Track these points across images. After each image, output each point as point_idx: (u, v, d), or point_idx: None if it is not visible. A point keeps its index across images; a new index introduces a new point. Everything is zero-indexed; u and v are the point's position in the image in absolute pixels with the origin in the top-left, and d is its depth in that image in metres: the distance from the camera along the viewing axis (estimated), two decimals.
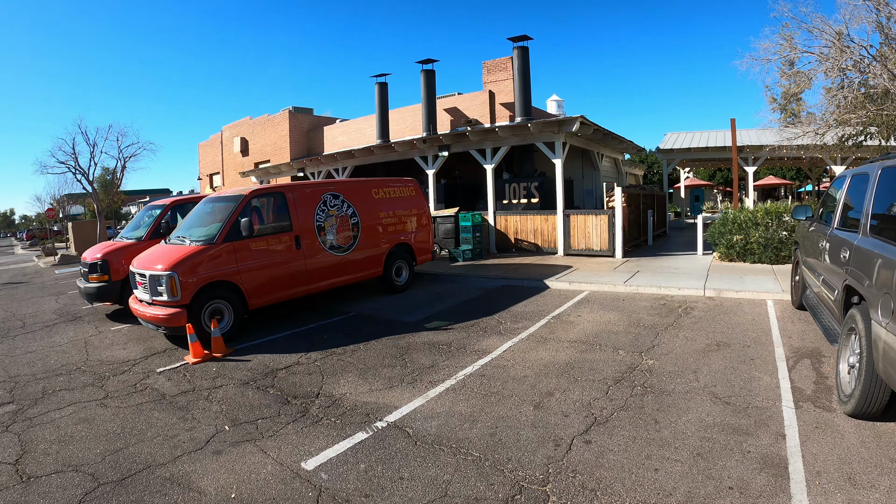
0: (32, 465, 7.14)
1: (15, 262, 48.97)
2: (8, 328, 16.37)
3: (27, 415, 8.61)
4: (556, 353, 10.05)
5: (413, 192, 18.05)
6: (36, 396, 9.45)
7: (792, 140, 22.94)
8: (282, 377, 9.69)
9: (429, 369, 9.52)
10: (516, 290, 16.58)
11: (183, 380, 9.90)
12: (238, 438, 7.23)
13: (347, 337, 12.15)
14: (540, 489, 5.47)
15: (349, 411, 7.89)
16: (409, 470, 6.01)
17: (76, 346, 13.03)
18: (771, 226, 18.80)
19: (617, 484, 5.48)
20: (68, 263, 39.62)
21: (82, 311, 18.48)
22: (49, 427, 8.09)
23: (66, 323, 16.51)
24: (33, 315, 18.43)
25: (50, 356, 12.21)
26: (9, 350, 13.26)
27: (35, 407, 8.94)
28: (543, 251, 23.71)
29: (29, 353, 12.53)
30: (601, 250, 22.77)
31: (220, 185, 49.55)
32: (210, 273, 12.01)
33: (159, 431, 7.67)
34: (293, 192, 14.19)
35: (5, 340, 14.67)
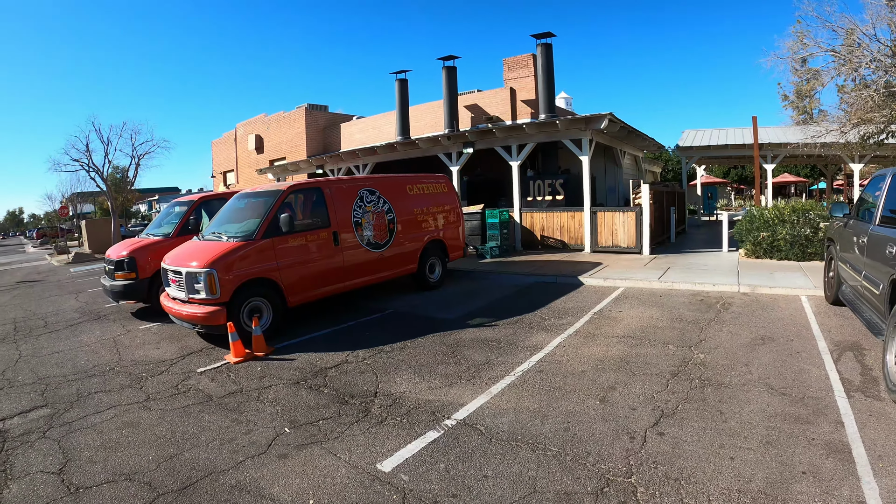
0: (79, 475, 6.68)
1: (27, 260, 48.70)
2: (30, 327, 15.92)
3: (64, 419, 8.18)
4: (607, 348, 9.97)
5: (446, 189, 17.83)
6: (71, 399, 9.03)
7: (816, 138, 22.60)
8: (333, 376, 9.39)
9: (484, 366, 9.35)
10: (551, 287, 16.35)
11: (228, 380, 9.57)
12: (302, 441, 6.92)
13: (390, 334, 11.86)
14: (625, 481, 5.48)
15: (413, 410, 7.67)
16: (491, 468, 5.90)
17: (105, 345, 12.60)
18: (798, 223, 18.58)
19: (698, 473, 5.57)
20: (83, 261, 39.38)
21: (105, 309, 18.04)
22: (91, 432, 7.67)
23: (90, 322, 16.06)
24: (54, 314, 17.96)
25: (79, 356, 11.80)
26: (34, 350, 12.82)
27: (71, 410, 8.52)
28: (570, 248, 23.38)
29: (56, 354, 12.11)
30: (628, 247, 22.47)
31: (234, 182, 49.36)
32: (249, 270, 11.66)
33: (214, 435, 7.32)
34: (330, 187, 13.91)
35: (28, 340, 14.23)
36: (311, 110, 40.64)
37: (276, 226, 12.16)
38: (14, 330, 15.79)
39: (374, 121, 37.84)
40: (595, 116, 22.57)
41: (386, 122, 36.18)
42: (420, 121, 33.96)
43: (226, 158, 50.97)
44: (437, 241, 17.04)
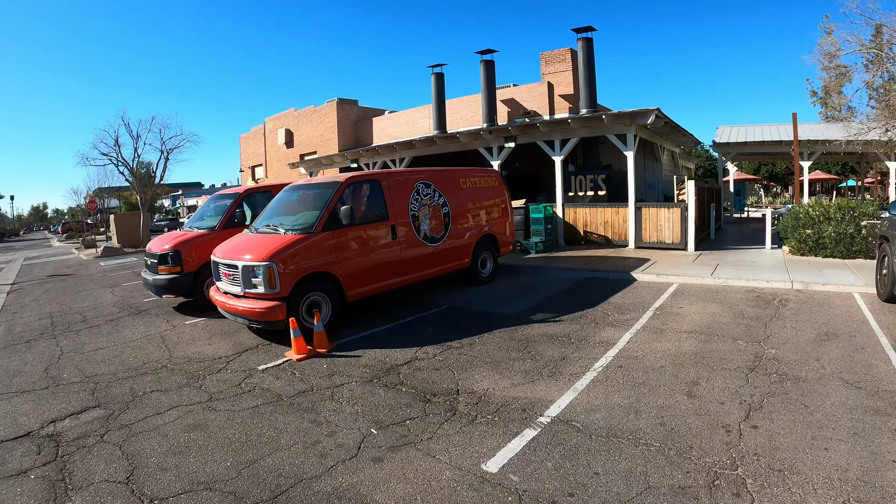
0: (151, 484, 6.15)
1: (55, 254, 48.56)
2: (68, 322, 15.50)
3: (121, 421, 7.77)
4: (678, 343, 9.90)
5: (496, 183, 17.47)
6: (125, 399, 8.63)
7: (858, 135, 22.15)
8: (406, 373, 9.07)
9: (561, 362, 9.17)
10: (604, 283, 16.11)
11: (294, 378, 9.18)
12: (393, 442, 6.61)
13: (454, 330, 11.57)
14: (733, 473, 5.49)
15: (502, 408, 7.45)
16: (599, 465, 5.79)
17: (152, 341, 12.28)
18: (843, 221, 18.32)
19: (798, 464, 5.62)
20: (112, 255, 39.18)
21: (145, 303, 17.66)
22: (154, 436, 7.24)
23: (131, 317, 15.63)
24: (92, 308, 17.56)
25: (125, 353, 11.45)
26: (76, 346, 12.28)
27: (128, 412, 8.10)
28: (614, 244, 22.93)
29: (100, 350, 11.75)
30: (673, 243, 22.02)
31: (263, 177, 48.95)
32: (309, 264, 11.27)
33: (294, 437, 6.94)
34: (387, 179, 13.58)
35: (68, 335, 13.78)
36: (343, 104, 40.10)
37: (336, 218, 11.86)
38: (52, 325, 15.35)
39: (407, 115, 37.26)
40: (641, 112, 22.06)
41: (420, 116, 35.64)
42: (455, 115, 33.46)
43: (254, 153, 50.61)
44: (488, 236, 16.68)
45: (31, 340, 13.56)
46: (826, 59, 22.88)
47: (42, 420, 7.99)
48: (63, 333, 14.12)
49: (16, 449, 7.05)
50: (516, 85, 33.32)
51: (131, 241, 45.18)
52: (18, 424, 7.86)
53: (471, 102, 33.80)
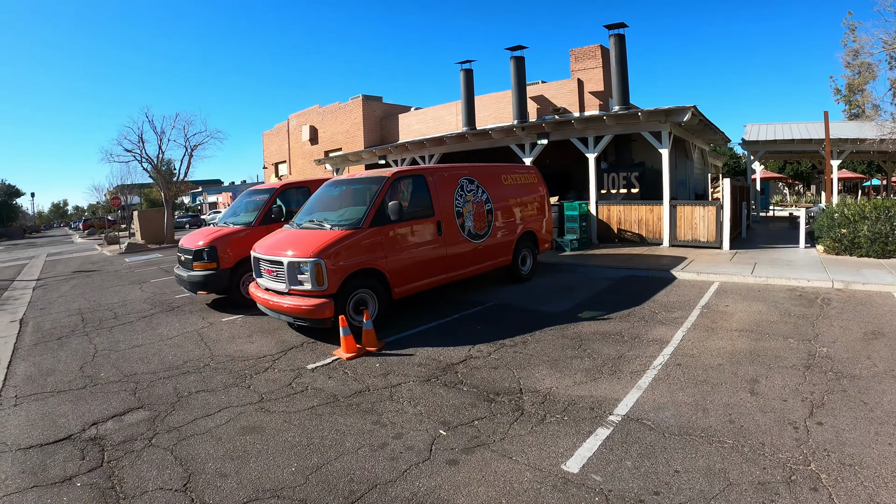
0: (212, 492, 5.81)
1: (77, 250, 48.60)
2: (99, 319, 15.23)
3: (169, 423, 7.52)
4: (731, 342, 9.79)
5: (535, 180, 17.19)
6: (169, 400, 8.38)
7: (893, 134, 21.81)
8: (464, 372, 8.87)
9: (618, 360, 9.06)
10: (644, 281, 15.89)
11: (347, 378, 8.95)
12: (465, 444, 6.43)
13: (503, 328, 11.33)
14: (807, 469, 5.51)
15: (570, 406, 7.34)
16: (678, 462, 5.74)
17: (190, 339, 12.03)
18: (879, 220, 17.99)
19: (866, 458, 5.62)
20: (136, 252, 39.11)
21: (176, 300, 17.37)
22: (207, 439, 6.97)
23: (164, 314, 15.34)
24: (122, 305, 17.28)
25: (164, 351, 11.20)
26: (111, 344, 12.04)
27: (174, 413, 7.84)
28: (648, 242, 22.58)
29: (137, 348, 11.51)
30: (708, 241, 21.66)
31: (287, 173, 48.91)
32: (357, 260, 11.04)
33: (359, 440, 6.70)
34: (433, 175, 13.34)
35: (101, 332, 13.51)
36: (368, 101, 39.98)
37: (384, 214, 11.62)
38: (82, 322, 15.09)
39: (434, 111, 36.99)
40: (677, 109, 21.65)
41: (447, 112, 35.40)
42: (483, 111, 33.26)
43: (277, 149, 50.55)
44: (528, 233, 16.43)
45: (63, 337, 13.28)
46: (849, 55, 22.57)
47: (83, 422, 7.72)
48: (95, 330, 13.84)
49: (57, 453, 6.78)
50: (545, 82, 33.11)
51: (155, 238, 45.21)
52: (58, 427, 7.60)
53: (499, 99, 33.55)
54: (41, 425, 7.65)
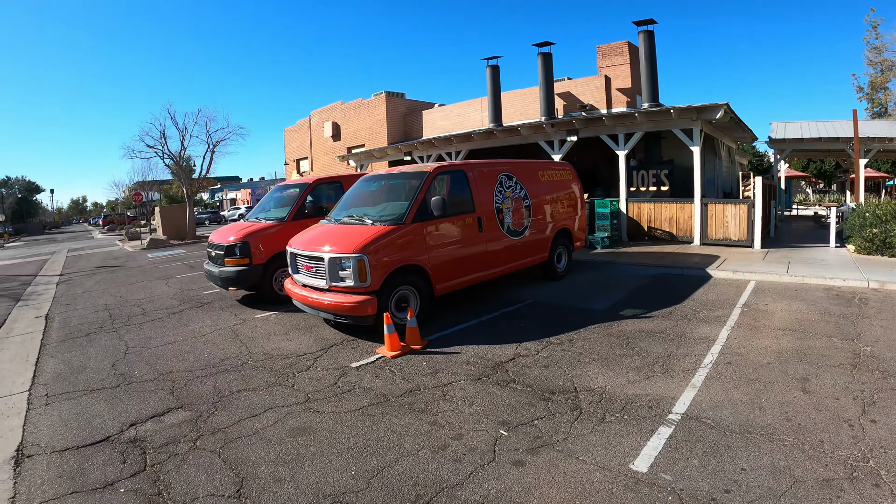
0: (267, 498, 5.54)
1: (98, 246, 48.80)
2: (127, 315, 15.05)
3: (212, 424, 7.29)
4: (776, 340, 9.70)
5: (570, 177, 17.03)
6: (210, 399, 8.15)
7: None
8: (515, 371, 8.69)
9: (668, 358, 8.96)
10: (681, 279, 15.68)
11: (395, 376, 8.74)
12: (528, 444, 6.27)
13: (547, 326, 11.18)
14: (867, 466, 5.50)
15: (628, 405, 7.25)
16: (743, 460, 5.71)
17: (224, 336, 11.82)
18: None
19: None
20: (159, 247, 39.18)
21: (205, 296, 17.23)
22: (256, 441, 6.72)
23: (193, 310, 15.13)
24: (149, 300, 17.13)
25: (198, 348, 10.99)
26: (143, 341, 11.85)
27: (217, 414, 7.61)
28: (678, 240, 22.43)
29: (170, 345, 11.32)
30: (739, 240, 21.39)
31: (308, 169, 48.96)
32: (400, 256, 10.82)
33: (418, 442, 6.49)
34: (473, 170, 13.10)
35: (130, 329, 13.32)
36: (391, 97, 39.91)
37: (426, 209, 11.40)
38: (110, 317, 14.92)
39: (458, 108, 36.83)
40: (710, 106, 21.40)
41: (471, 108, 35.24)
42: (509, 108, 33.05)
43: (299, 146, 50.54)
44: (564, 230, 16.27)
45: (91, 334, 13.07)
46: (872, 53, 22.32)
47: (120, 423, 7.50)
48: (124, 327, 13.65)
49: (95, 456, 6.54)
50: (571, 78, 32.90)
51: (177, 233, 45.36)
52: (93, 427, 7.39)
53: (524, 95, 33.29)
54: (76, 426, 7.44)
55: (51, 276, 26.25)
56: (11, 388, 9.28)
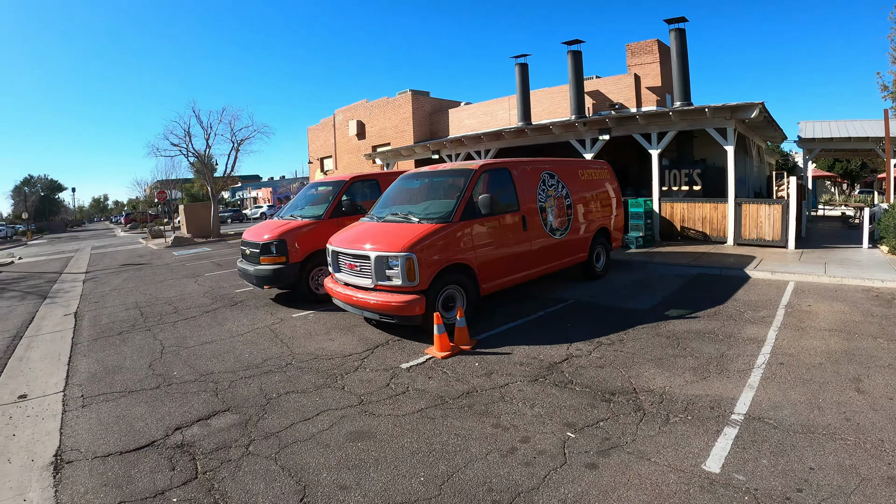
0: None
1: (121, 243, 49.02)
2: (159, 313, 14.91)
3: (264, 428, 7.04)
4: (824, 341, 9.61)
5: (608, 176, 16.90)
6: (258, 402, 7.91)
7: None
8: (570, 371, 8.57)
9: (721, 359, 8.88)
10: (719, 279, 15.52)
11: (448, 378, 8.55)
12: (598, 446, 6.18)
13: (593, 326, 11.07)
14: None
15: (690, 406, 7.18)
16: (809, 459, 5.71)
17: (263, 335, 11.60)
18: None
19: None
20: (183, 245, 39.24)
21: (237, 294, 17.07)
22: (313, 446, 6.48)
23: (227, 308, 14.96)
24: (180, 299, 16.98)
25: (237, 348, 10.77)
26: (178, 340, 11.69)
27: (267, 417, 7.36)
28: (711, 240, 22.14)
29: (207, 345, 11.13)
30: (773, 240, 21.12)
31: (332, 168, 48.81)
32: (449, 255, 10.59)
33: (484, 445, 6.31)
34: (517, 168, 12.90)
35: (164, 327, 13.17)
36: (417, 96, 39.65)
37: (473, 207, 11.20)
38: (141, 316, 14.79)
39: (485, 106, 36.58)
40: (745, 105, 21.10)
41: (499, 107, 34.99)
42: (537, 106, 32.77)
43: (323, 144, 50.41)
44: (603, 230, 16.09)
45: (124, 332, 12.93)
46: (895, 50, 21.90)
47: (164, 426, 7.27)
48: (157, 325, 13.49)
49: (141, 463, 6.30)
50: (599, 77, 32.65)
51: (201, 231, 45.49)
52: (136, 431, 7.16)
53: (553, 94, 33.04)
54: (117, 430, 7.22)
55: (76, 274, 26.27)
56: (45, 389, 9.15)
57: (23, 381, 9.62)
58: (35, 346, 12.40)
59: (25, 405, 8.42)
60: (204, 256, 29.84)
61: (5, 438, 7.21)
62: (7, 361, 11.21)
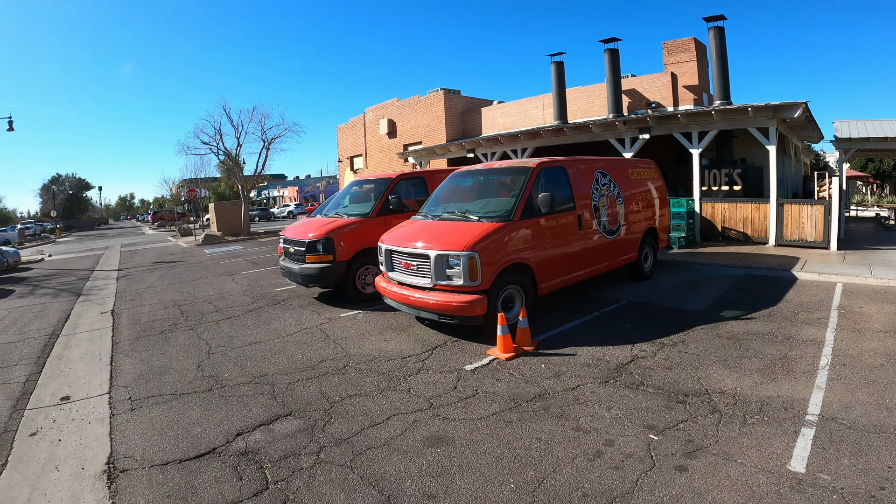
0: None
1: (150, 241, 49.31)
2: (200, 312, 14.80)
3: (332, 434, 6.79)
4: (882, 343, 9.53)
5: (655, 175, 16.60)
6: (320, 406, 7.68)
7: None
8: (638, 373, 8.46)
9: (785, 360, 8.81)
10: (766, 280, 15.35)
11: (517, 380, 8.35)
12: (683, 449, 6.10)
13: (651, 327, 10.93)
14: None
15: (764, 407, 7.13)
16: (886, 458, 5.69)
17: (313, 335, 11.42)
18: None
19: None
20: (214, 243, 39.56)
21: (278, 293, 16.92)
22: (389, 453, 6.26)
23: (270, 307, 14.80)
24: (220, 297, 16.87)
25: (288, 348, 10.58)
26: (225, 340, 11.50)
27: (334, 422, 7.11)
28: (753, 240, 21.73)
29: (255, 345, 10.92)
30: (815, 241, 20.82)
31: (363, 167, 48.69)
32: (510, 254, 10.40)
33: (569, 449, 6.18)
34: (572, 167, 12.72)
35: (207, 327, 13.02)
36: (449, 94, 39.37)
37: (532, 206, 10.99)
38: (181, 314, 14.69)
39: (519, 105, 36.30)
40: (788, 105, 20.81)
41: (533, 106, 34.72)
42: (572, 105, 32.47)
43: (353, 143, 50.30)
44: (651, 229, 15.85)
45: (165, 331, 12.81)
46: None
47: (224, 432, 7.00)
48: (200, 324, 13.35)
49: (204, 472, 6.03)
50: (634, 75, 32.36)
51: (231, 230, 45.71)
52: (193, 437, 6.90)
53: (588, 92, 32.78)
54: (172, 435, 6.96)
55: (109, 271, 26.35)
56: (88, 391, 8.94)
57: (64, 382, 9.45)
58: (73, 344, 12.27)
59: (69, 408, 8.22)
60: (237, 254, 29.82)
61: (51, 444, 7.00)
62: (45, 361, 11.04)
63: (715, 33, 26.12)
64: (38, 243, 64.31)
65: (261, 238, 41.46)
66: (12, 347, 12.19)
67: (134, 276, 23.48)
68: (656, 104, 29.49)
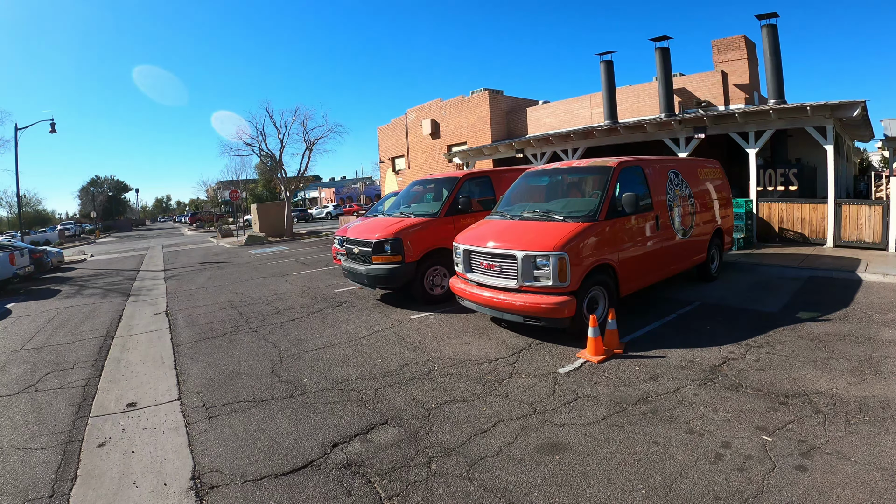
0: None
1: (191, 242, 49.74)
2: (260, 314, 14.69)
3: (438, 443, 6.53)
4: None
5: (721, 176, 16.39)
6: (417, 413, 7.41)
7: None
8: (733, 374, 8.33)
9: (871, 360, 8.69)
10: (833, 282, 15.07)
11: (615, 383, 8.21)
12: (798, 449, 6.04)
13: (733, 328, 10.76)
14: None
15: (863, 407, 7.04)
16: None
17: (387, 338, 11.24)
18: None
19: None
20: (258, 244, 39.92)
21: (337, 294, 16.81)
22: (506, 462, 6.04)
23: (334, 309, 14.64)
24: (277, 299, 16.79)
25: (365, 352, 10.36)
26: (294, 343, 11.32)
27: (437, 431, 6.86)
28: (810, 241, 21.52)
29: (328, 348, 10.74)
30: (873, 243, 20.47)
31: (405, 168, 48.53)
32: (597, 255, 10.26)
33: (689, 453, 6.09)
34: (649, 167, 12.53)
35: (272, 329, 12.87)
36: (493, 94, 39.21)
37: (616, 206, 10.85)
38: (241, 316, 14.58)
39: (566, 104, 36.05)
40: (846, 104, 20.54)
41: (580, 105, 34.51)
42: (620, 104, 32.24)
43: (394, 144, 50.24)
44: (718, 230, 15.65)
45: (228, 334, 12.68)
46: None
47: (318, 442, 6.69)
48: (263, 326, 13.21)
49: (306, 487, 5.69)
50: (683, 74, 32.06)
51: (274, 230, 46.00)
52: (285, 449, 6.57)
53: (637, 91, 32.58)
54: (260, 447, 6.63)
55: (155, 272, 26.60)
56: (156, 397, 8.69)
57: (128, 387, 9.25)
58: (131, 346, 12.16)
59: (137, 415, 7.96)
60: (284, 255, 29.86)
61: (123, 455, 6.69)
62: (104, 364, 10.80)
63: (768, 31, 25.87)
64: (79, 244, 65.25)
65: (304, 239, 41.52)
66: (66, 349, 12.06)
67: (182, 277, 23.63)
68: (707, 103, 29.18)
